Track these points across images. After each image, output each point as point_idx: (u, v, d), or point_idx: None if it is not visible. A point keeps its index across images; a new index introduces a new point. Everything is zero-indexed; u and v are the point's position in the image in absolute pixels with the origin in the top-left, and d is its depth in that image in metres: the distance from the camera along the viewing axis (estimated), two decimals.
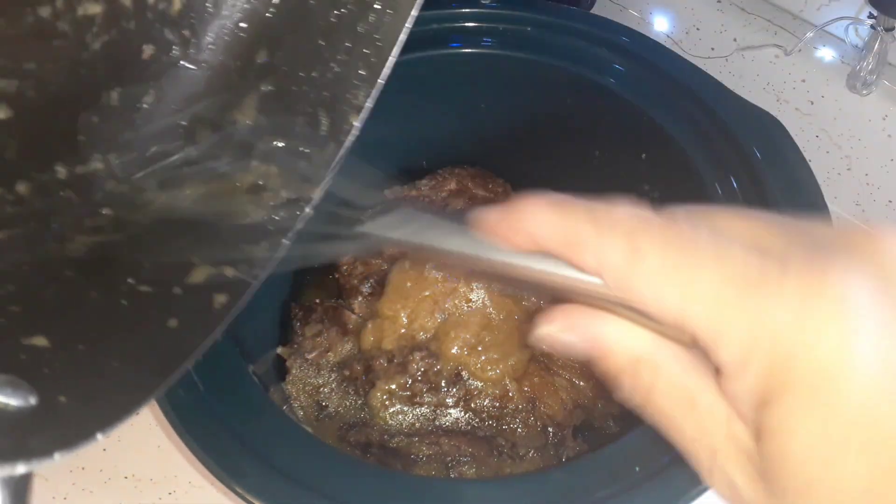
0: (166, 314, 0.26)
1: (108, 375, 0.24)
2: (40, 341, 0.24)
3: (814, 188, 0.41)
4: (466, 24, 0.51)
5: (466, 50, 0.50)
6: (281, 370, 0.48)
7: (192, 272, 0.28)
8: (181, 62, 0.31)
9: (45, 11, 0.26)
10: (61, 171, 0.28)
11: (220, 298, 0.27)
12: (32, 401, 0.21)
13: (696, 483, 0.31)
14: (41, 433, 0.21)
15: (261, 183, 0.30)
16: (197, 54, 0.32)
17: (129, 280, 0.27)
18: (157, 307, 0.27)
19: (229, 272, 0.28)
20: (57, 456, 0.20)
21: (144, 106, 0.30)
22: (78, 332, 0.25)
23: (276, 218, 0.29)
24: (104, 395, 0.24)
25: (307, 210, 0.28)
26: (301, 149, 0.30)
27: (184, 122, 0.31)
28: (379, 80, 0.29)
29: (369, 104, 0.29)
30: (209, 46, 0.32)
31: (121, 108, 0.30)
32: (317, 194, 0.28)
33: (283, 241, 0.28)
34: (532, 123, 0.54)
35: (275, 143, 0.30)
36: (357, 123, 0.29)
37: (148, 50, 0.30)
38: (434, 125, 0.55)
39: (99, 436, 0.21)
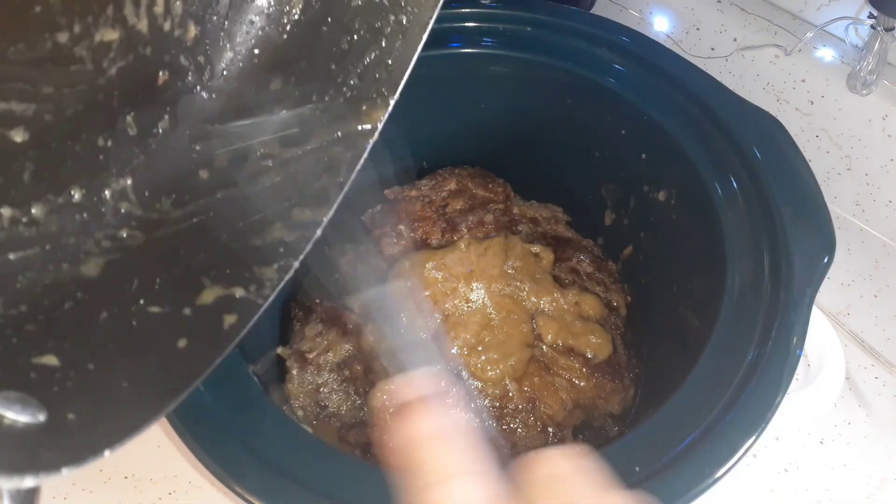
0: (176, 335, 0.27)
1: (117, 395, 0.25)
2: (51, 360, 0.24)
3: (814, 188, 0.41)
4: (466, 24, 0.51)
5: (466, 50, 0.50)
6: (281, 370, 0.48)
7: (202, 293, 0.29)
8: (196, 88, 0.32)
9: (62, 37, 0.26)
10: (77, 195, 0.28)
11: (230, 319, 0.28)
12: (41, 418, 0.22)
13: (696, 483, 0.31)
14: (49, 449, 0.21)
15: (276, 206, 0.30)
16: (211, 81, 0.32)
17: (141, 301, 0.28)
18: (168, 328, 0.27)
19: (239, 293, 0.29)
20: (65, 471, 0.20)
21: (159, 131, 0.31)
22: (88, 351, 0.25)
23: (288, 240, 0.29)
24: (113, 413, 0.24)
25: (318, 232, 0.29)
26: (315, 172, 0.30)
27: (198, 147, 0.31)
28: (390, 103, 0.30)
29: (380, 125, 0.30)
30: (224, 73, 0.32)
31: (136, 132, 0.30)
32: (328, 216, 0.29)
33: (294, 262, 0.29)
34: (532, 123, 0.54)
35: (289, 167, 0.31)
36: (368, 146, 0.30)
37: (163, 76, 0.31)
38: (434, 125, 0.55)
39: (107, 452, 0.22)
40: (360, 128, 0.30)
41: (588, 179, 0.55)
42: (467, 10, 0.51)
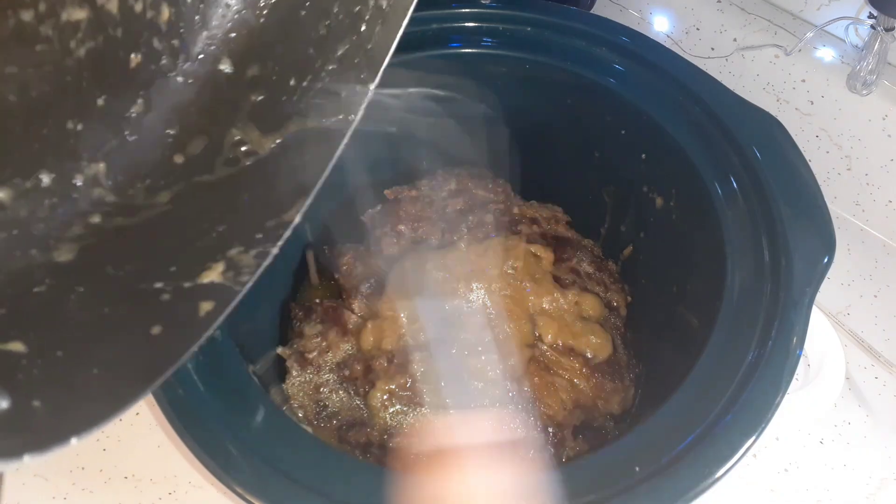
0: (150, 321, 0.26)
1: (86, 382, 0.24)
2: (17, 347, 0.24)
3: (814, 188, 0.41)
4: (466, 24, 0.51)
5: (466, 50, 0.50)
6: (281, 370, 0.48)
7: (178, 280, 0.28)
8: (170, 73, 0.31)
9: (27, 15, 0.26)
10: (46, 179, 0.28)
11: (206, 306, 0.27)
12: (4, 404, 0.21)
13: (696, 483, 0.31)
14: (12, 436, 0.21)
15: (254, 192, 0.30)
16: (186, 65, 0.31)
17: (113, 288, 0.27)
18: (141, 314, 0.27)
19: (216, 279, 0.28)
20: (27, 458, 0.20)
21: (133, 115, 0.30)
22: (57, 338, 0.25)
23: (266, 226, 0.28)
24: (81, 401, 0.23)
25: (296, 219, 0.28)
26: (294, 159, 0.30)
27: (172, 132, 0.31)
28: (370, 89, 0.29)
29: (360, 113, 0.29)
30: (199, 56, 0.32)
31: (108, 116, 0.29)
32: (305, 205, 0.28)
33: (272, 249, 0.28)
34: (532, 123, 0.54)
35: (265, 154, 0.30)
36: (347, 134, 0.29)
37: (136, 59, 0.30)
38: (434, 125, 0.55)
39: (73, 440, 0.21)
40: (337, 117, 0.29)
41: (588, 179, 0.55)
42: (467, 10, 0.51)
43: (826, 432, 0.50)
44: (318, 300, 0.51)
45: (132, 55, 0.30)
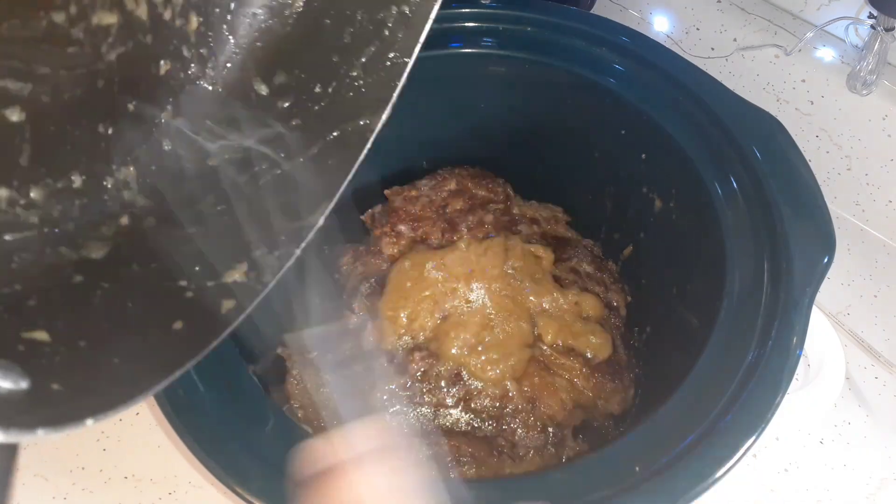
0: (172, 317, 0.27)
1: (106, 371, 0.25)
2: (41, 336, 0.25)
3: (814, 188, 0.41)
4: (466, 24, 0.51)
5: (466, 50, 0.50)
6: (281, 370, 0.48)
7: (202, 279, 0.29)
8: (199, 80, 0.32)
9: (59, 17, 0.26)
10: (77, 181, 0.28)
11: (228, 304, 0.28)
12: (24, 385, 0.22)
13: (696, 483, 0.31)
14: (29, 413, 0.22)
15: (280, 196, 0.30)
16: (214, 72, 0.32)
17: (139, 285, 0.28)
18: (164, 310, 0.28)
19: (239, 279, 0.29)
20: (40, 432, 0.21)
21: (162, 121, 0.31)
22: (81, 330, 0.26)
23: (290, 228, 0.29)
24: (99, 387, 0.24)
25: (320, 221, 0.29)
26: (319, 163, 0.30)
27: (201, 138, 0.31)
28: (394, 95, 0.30)
29: (385, 116, 0.30)
30: (227, 65, 0.32)
31: (138, 121, 0.30)
32: (329, 207, 0.29)
33: (296, 250, 0.29)
34: (532, 123, 0.54)
35: (291, 159, 0.31)
36: (371, 137, 0.30)
37: (165, 66, 0.31)
38: (434, 125, 0.55)
39: (89, 421, 0.22)
40: (360, 122, 0.30)
41: (588, 179, 0.55)
42: (467, 10, 0.51)
43: (826, 432, 0.50)
44: (318, 300, 0.51)
45: (162, 62, 0.31)
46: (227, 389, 0.35)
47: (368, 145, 0.30)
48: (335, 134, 0.30)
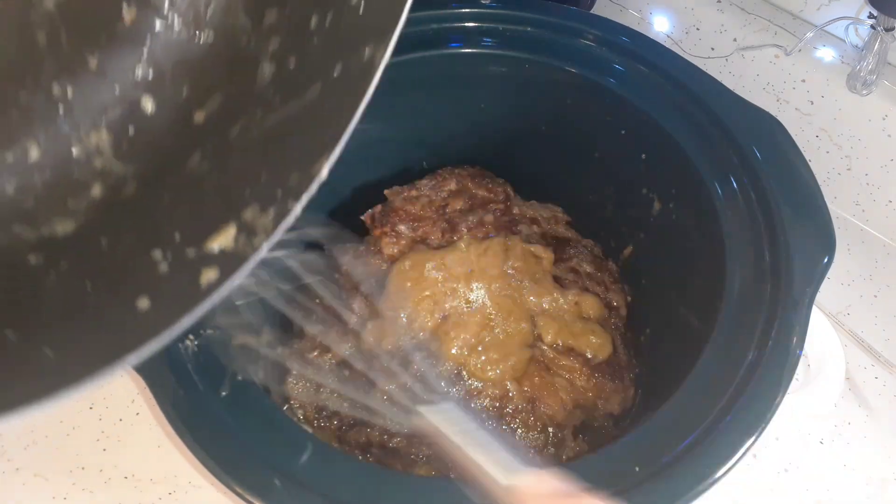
0: (138, 294, 0.23)
1: (34, 361, 0.22)
2: None
3: (814, 188, 0.41)
4: (466, 24, 0.51)
5: (466, 50, 0.50)
6: (281, 370, 0.48)
7: (180, 248, 0.25)
8: (176, 26, 0.28)
9: None
10: (34, 152, 0.25)
11: (209, 274, 0.23)
12: None
13: (696, 483, 0.31)
14: None
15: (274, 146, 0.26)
16: (195, 16, 0.28)
17: (101, 263, 0.25)
18: (127, 288, 0.24)
19: (226, 245, 0.24)
20: None
21: (138, 76, 0.27)
22: (18, 317, 0.23)
23: (290, 182, 0.24)
24: (21, 379, 0.21)
25: (325, 172, 0.24)
26: (320, 107, 0.26)
27: (185, 92, 0.28)
28: (400, 21, 0.25)
29: (391, 48, 0.25)
30: (209, 6, 0.28)
31: (105, 78, 0.26)
32: (337, 150, 0.24)
33: (295, 206, 0.24)
34: (532, 123, 0.54)
35: (289, 101, 0.27)
36: (377, 76, 0.25)
37: (130, 11, 0.27)
38: (434, 125, 0.55)
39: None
40: (366, 55, 0.25)
41: (588, 179, 0.55)
42: (467, 10, 0.51)
43: (826, 432, 0.50)
44: (318, 300, 0.51)
45: (125, 7, 0.26)
46: (227, 389, 0.35)
47: (375, 81, 0.25)
48: (337, 72, 0.26)
